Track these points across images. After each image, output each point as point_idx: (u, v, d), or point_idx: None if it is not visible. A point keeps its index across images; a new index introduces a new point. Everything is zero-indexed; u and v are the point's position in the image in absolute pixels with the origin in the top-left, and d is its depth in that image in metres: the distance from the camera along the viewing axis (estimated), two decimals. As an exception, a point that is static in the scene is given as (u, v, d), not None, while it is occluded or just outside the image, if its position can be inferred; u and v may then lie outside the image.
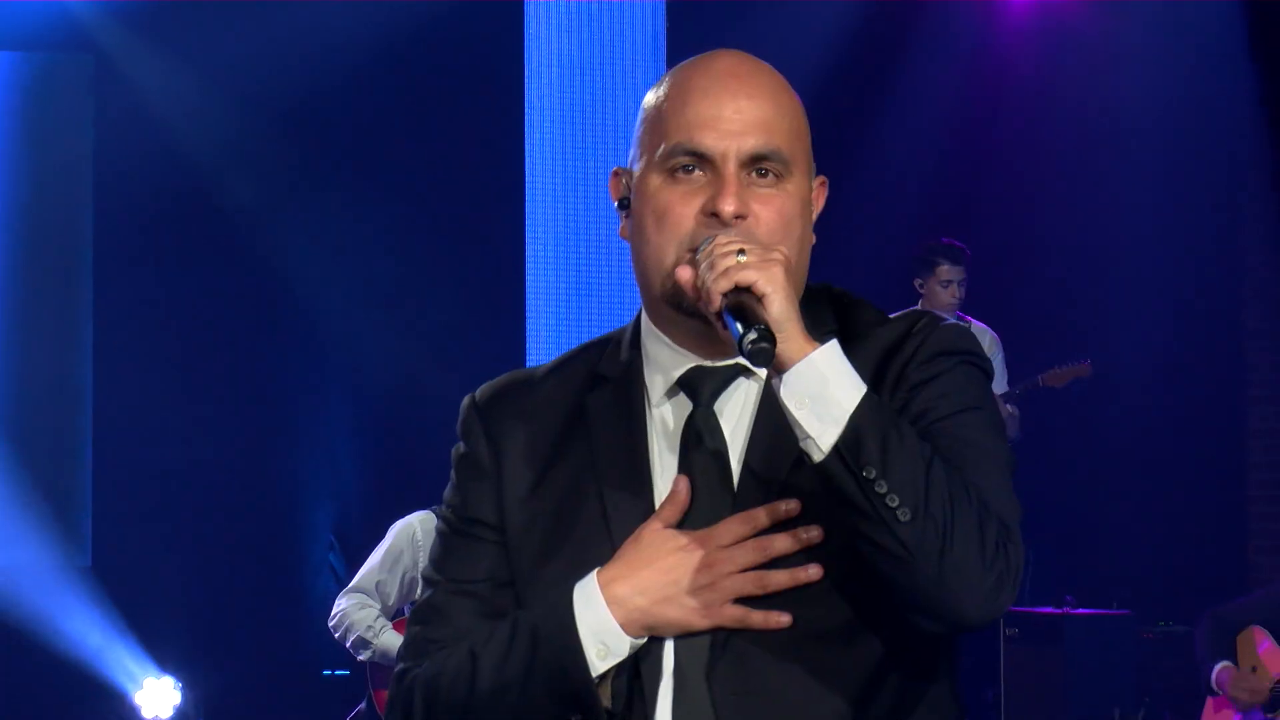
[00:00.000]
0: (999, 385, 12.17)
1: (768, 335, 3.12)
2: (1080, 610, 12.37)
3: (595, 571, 3.31)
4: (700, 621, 3.25)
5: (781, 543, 3.20)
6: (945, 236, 12.34)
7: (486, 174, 14.35)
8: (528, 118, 14.65)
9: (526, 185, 14.65)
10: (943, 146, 13.61)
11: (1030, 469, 12.45)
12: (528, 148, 14.66)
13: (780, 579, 3.20)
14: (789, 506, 3.22)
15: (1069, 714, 11.70)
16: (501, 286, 14.50)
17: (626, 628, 3.26)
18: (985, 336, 12.29)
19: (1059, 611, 12.30)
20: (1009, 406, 12.15)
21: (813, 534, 3.21)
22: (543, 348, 14.38)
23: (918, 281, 12.19)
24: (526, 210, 14.68)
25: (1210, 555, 13.50)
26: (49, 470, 14.16)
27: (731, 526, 3.23)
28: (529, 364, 13.77)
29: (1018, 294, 13.47)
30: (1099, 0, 13.94)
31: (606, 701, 3.30)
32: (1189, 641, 10.52)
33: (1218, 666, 9.84)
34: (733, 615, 3.24)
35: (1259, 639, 9.76)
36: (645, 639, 3.29)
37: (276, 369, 14.18)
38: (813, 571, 3.21)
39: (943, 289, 12.16)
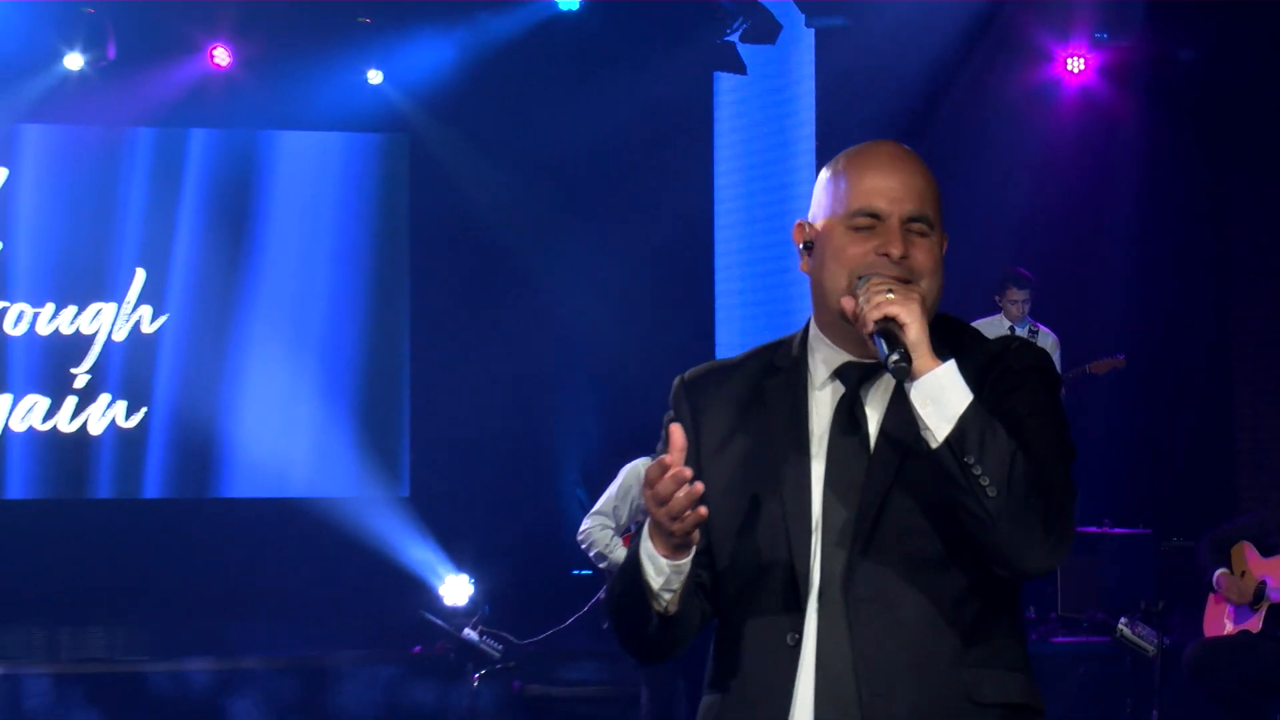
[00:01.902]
0: (1053, 370, 12.11)
1: (907, 357, 3.18)
2: (1114, 529, 12.29)
3: None
4: (666, 547, 3.25)
5: (666, 486, 3.14)
6: (1018, 266, 12.36)
7: (684, 212, 14.36)
8: (716, 168, 14.75)
9: (715, 219, 14.75)
10: (1014, 197, 13.56)
11: (1081, 427, 12.50)
12: (716, 199, 14.75)
13: (680, 498, 3.14)
14: (664, 462, 3.14)
15: (1105, 604, 11.58)
16: (694, 297, 14.60)
17: (664, 554, 3.26)
18: (1049, 338, 12.25)
19: (1098, 530, 12.19)
20: (1060, 388, 12.07)
21: (686, 472, 3.14)
22: (726, 341, 14.46)
23: (996, 297, 12.15)
24: (715, 238, 14.79)
25: (1209, 490, 13.41)
26: (376, 427, 14.40)
27: (650, 469, 3.16)
28: (716, 351, 13.95)
29: (1069, 304, 13.40)
30: (1121, 99, 13.87)
31: (673, 607, 3.33)
32: (1195, 552, 10.44)
33: (1216, 572, 9.76)
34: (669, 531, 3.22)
35: (1247, 551, 9.68)
36: (686, 558, 3.28)
37: (540, 358, 14.32)
38: (701, 510, 3.16)
39: (1012, 305, 12.11)
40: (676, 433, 3.21)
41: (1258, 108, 13.33)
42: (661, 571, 3.29)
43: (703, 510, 3.17)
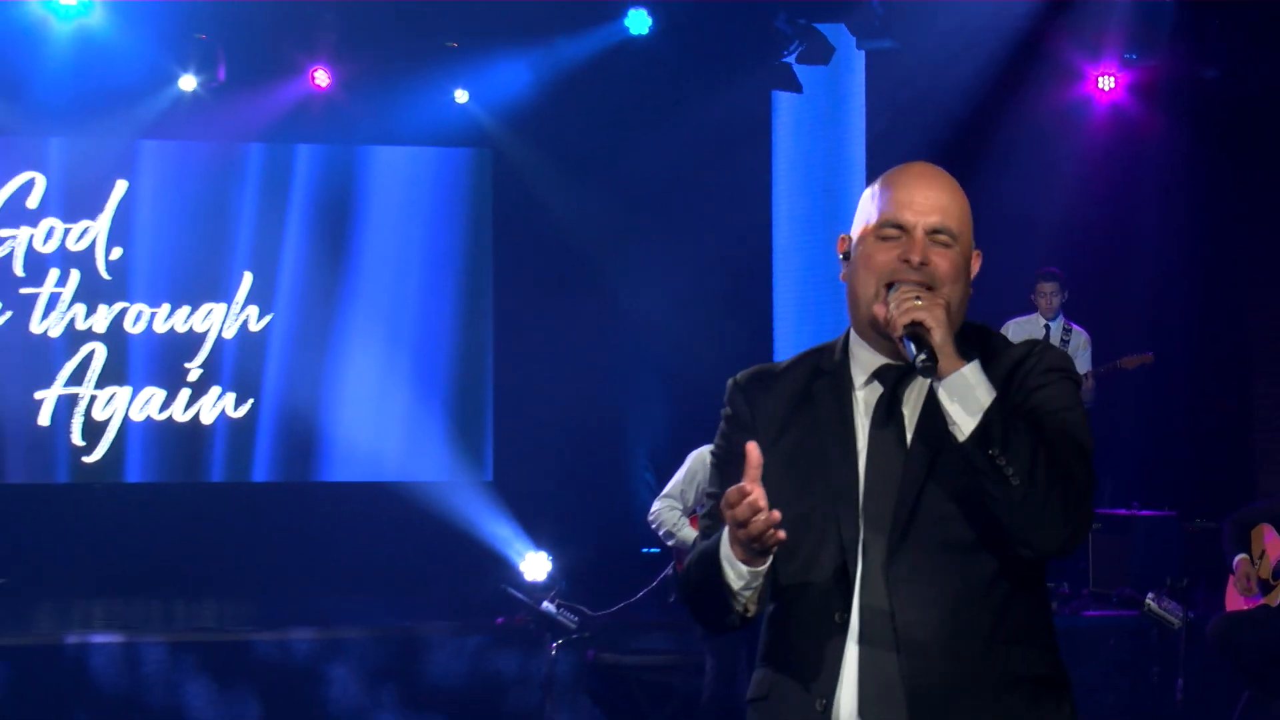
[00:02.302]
0: (1084, 365, 12.12)
1: (933, 357, 3.22)
2: (1143, 511, 12.22)
3: None
4: (745, 555, 3.26)
5: (743, 510, 3.14)
6: (1048, 266, 12.39)
7: (745, 220, 14.39)
8: (774, 179, 14.71)
9: (773, 226, 14.72)
10: (1050, 205, 13.55)
11: (1112, 418, 12.48)
12: (775, 208, 14.73)
13: (758, 524, 3.14)
14: (743, 490, 3.15)
15: (1134, 581, 11.54)
16: (754, 298, 14.58)
17: (743, 559, 3.27)
18: (1082, 336, 12.26)
19: (1128, 512, 12.12)
20: (1092, 382, 12.11)
21: (761, 502, 3.15)
22: (783, 339, 14.46)
23: (1031, 295, 12.25)
24: (773, 244, 14.76)
25: (1229, 476, 13.35)
26: (463, 417, 14.42)
27: (730, 494, 3.16)
28: (774, 350, 13.92)
29: (1101, 304, 13.37)
30: (1149, 115, 13.82)
31: (751, 605, 3.36)
32: (1217, 533, 10.38)
33: (1237, 558, 9.72)
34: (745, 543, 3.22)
35: (1266, 532, 9.64)
36: (764, 565, 3.29)
37: (613, 354, 14.32)
38: (779, 534, 3.17)
39: (1042, 299, 12.21)
40: (753, 450, 3.22)
41: (1275, 122, 13.28)
42: (742, 576, 3.30)
43: (781, 534, 3.19)
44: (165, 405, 14.00)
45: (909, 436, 3.39)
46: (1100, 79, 13.76)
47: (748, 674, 3.53)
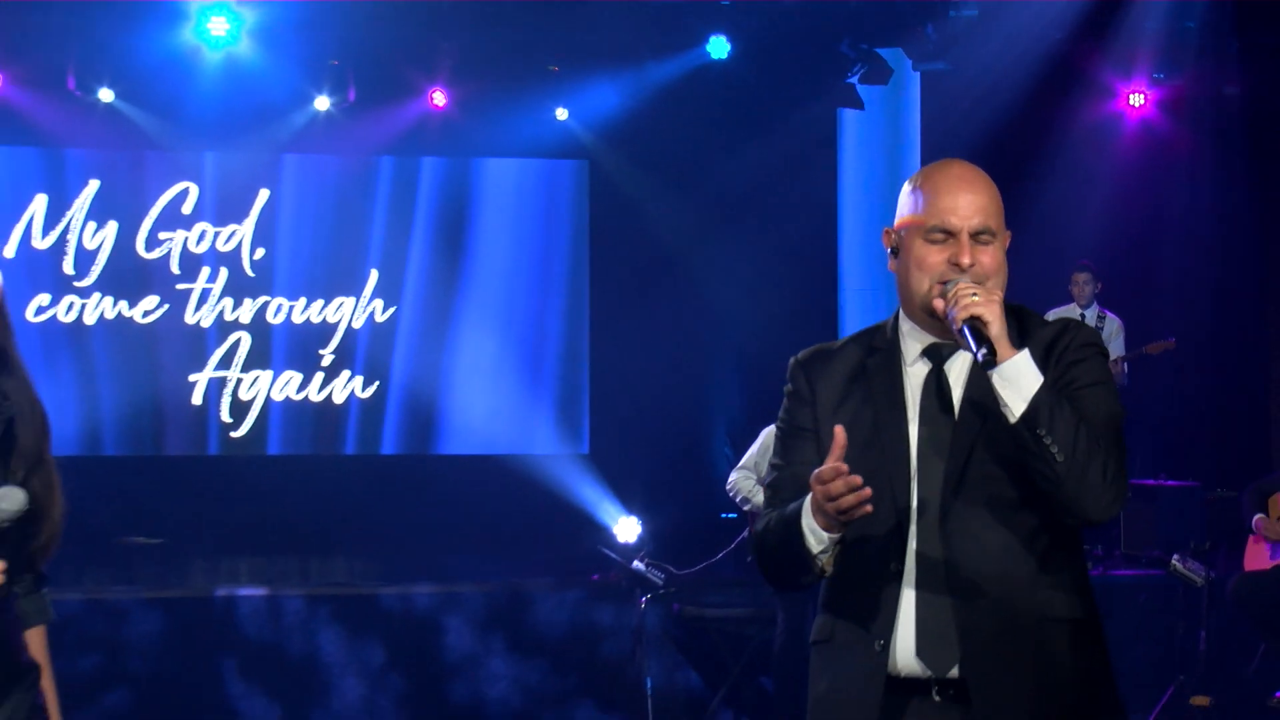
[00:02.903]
0: (1119, 350, 12.06)
1: (993, 351, 3.20)
2: (1169, 482, 12.13)
3: None
4: (827, 524, 3.22)
5: (838, 485, 3.12)
6: (1081, 259, 12.35)
7: (813, 222, 14.33)
8: (841, 187, 14.66)
9: (839, 227, 14.67)
10: (1086, 209, 13.48)
11: (1143, 401, 12.38)
12: (840, 212, 14.69)
13: (849, 499, 3.12)
14: (839, 468, 3.12)
15: (1161, 544, 11.46)
16: (822, 290, 14.52)
17: (824, 526, 3.24)
18: (1115, 322, 12.18)
19: (1155, 483, 12.05)
20: (1124, 366, 12.05)
21: (856, 480, 3.11)
22: (850, 326, 14.40)
23: (1068, 287, 12.21)
24: (840, 242, 14.70)
25: (1248, 450, 13.23)
26: (563, 397, 14.42)
27: (824, 471, 3.15)
28: (840, 333, 13.88)
29: (1132, 296, 13.27)
30: (1175, 128, 13.72)
31: (828, 566, 3.30)
32: (1237, 502, 10.30)
33: (1256, 517, 9.64)
34: (834, 517, 3.19)
35: (1283, 499, 9.59)
36: (842, 531, 3.25)
37: (695, 340, 14.25)
38: (867, 508, 3.14)
39: (1075, 288, 12.21)
40: (840, 433, 3.20)
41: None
42: (822, 542, 3.28)
43: (869, 508, 3.17)
44: (302, 387, 14.10)
45: (957, 407, 3.38)
46: (1131, 96, 13.68)
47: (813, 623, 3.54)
